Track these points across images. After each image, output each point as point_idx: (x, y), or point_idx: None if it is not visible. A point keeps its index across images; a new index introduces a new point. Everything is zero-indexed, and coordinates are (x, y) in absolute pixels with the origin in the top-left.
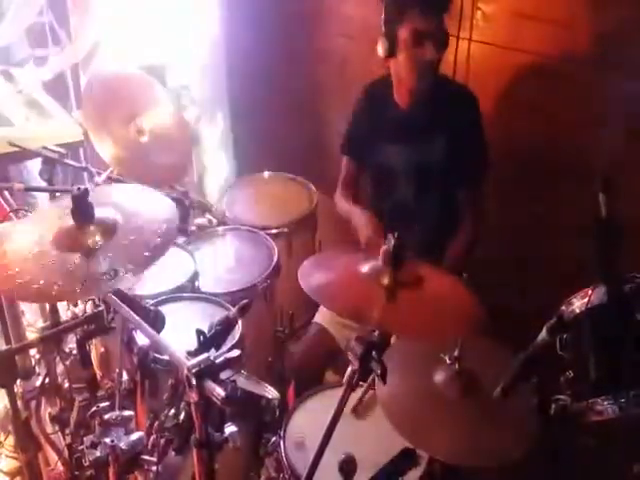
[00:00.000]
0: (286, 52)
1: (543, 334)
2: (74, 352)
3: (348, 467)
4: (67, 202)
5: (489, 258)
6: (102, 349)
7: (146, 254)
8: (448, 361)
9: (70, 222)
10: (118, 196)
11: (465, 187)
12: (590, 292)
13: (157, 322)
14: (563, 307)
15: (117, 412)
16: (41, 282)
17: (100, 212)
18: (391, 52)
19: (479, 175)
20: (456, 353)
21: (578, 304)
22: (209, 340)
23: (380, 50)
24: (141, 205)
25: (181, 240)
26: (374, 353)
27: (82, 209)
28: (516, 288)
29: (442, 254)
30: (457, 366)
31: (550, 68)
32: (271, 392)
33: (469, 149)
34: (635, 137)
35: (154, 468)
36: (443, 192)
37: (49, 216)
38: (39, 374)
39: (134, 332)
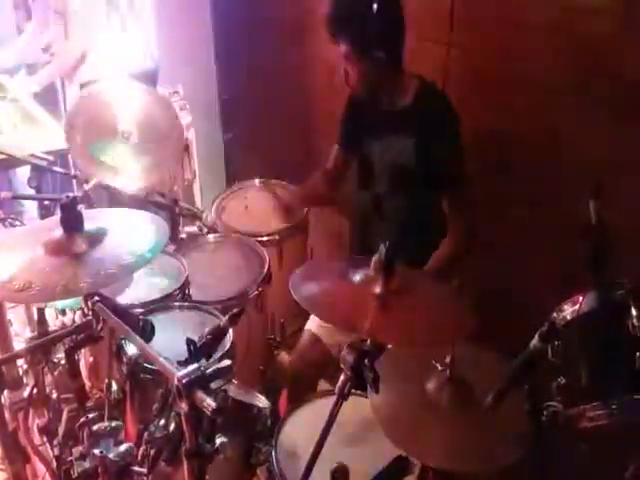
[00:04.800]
0: (276, 59)
1: (535, 341)
2: (62, 362)
3: (340, 476)
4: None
5: (480, 265)
6: (91, 359)
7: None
8: (440, 368)
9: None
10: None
11: (442, 192)
12: (581, 298)
13: (146, 331)
14: (554, 314)
15: (106, 423)
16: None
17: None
18: None
19: (451, 180)
20: (448, 360)
21: (569, 310)
22: (200, 349)
23: None
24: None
25: (171, 248)
26: (366, 361)
27: (71, 217)
28: (508, 294)
29: (410, 253)
30: (449, 373)
31: (534, 75)
32: (262, 401)
33: (437, 152)
34: (624, 145)
35: (144, 479)
36: (413, 191)
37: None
38: (27, 384)
39: (123, 342)
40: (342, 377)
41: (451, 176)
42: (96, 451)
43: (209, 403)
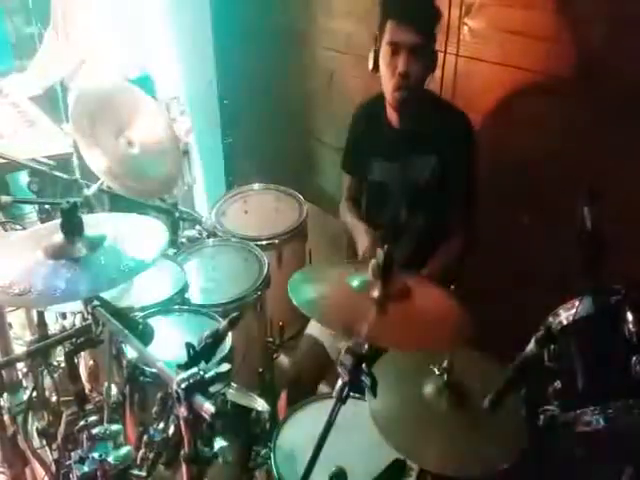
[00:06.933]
0: (276, 66)
1: (531, 345)
2: (62, 365)
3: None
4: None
5: (477, 270)
6: (91, 362)
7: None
8: (437, 373)
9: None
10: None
11: (452, 203)
12: (577, 303)
13: (146, 335)
14: (550, 318)
15: (105, 426)
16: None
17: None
18: (375, 65)
19: (465, 193)
20: (445, 365)
21: (565, 315)
22: (199, 353)
23: (369, 64)
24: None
25: (171, 252)
26: (364, 365)
27: (71, 222)
28: (505, 299)
29: (417, 261)
30: (446, 378)
31: (537, 83)
32: (261, 404)
33: (455, 166)
34: (622, 151)
35: None
36: (433, 210)
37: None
38: (26, 387)
39: (123, 345)
40: (340, 381)
41: (469, 192)
42: (95, 454)
43: (208, 407)
